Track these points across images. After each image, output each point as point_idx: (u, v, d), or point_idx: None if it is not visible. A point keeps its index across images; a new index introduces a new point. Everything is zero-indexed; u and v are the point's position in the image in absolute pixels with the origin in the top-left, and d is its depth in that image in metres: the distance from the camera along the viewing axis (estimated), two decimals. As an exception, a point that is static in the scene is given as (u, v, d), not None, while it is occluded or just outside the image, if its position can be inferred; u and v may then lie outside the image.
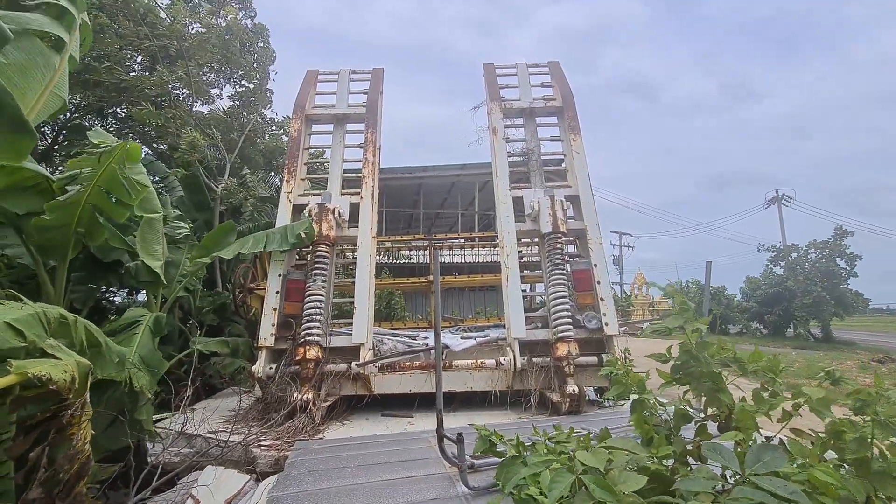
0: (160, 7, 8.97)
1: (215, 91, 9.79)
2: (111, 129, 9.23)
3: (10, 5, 2.76)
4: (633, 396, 2.07)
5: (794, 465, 1.48)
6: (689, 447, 1.79)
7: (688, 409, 1.86)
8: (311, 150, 7.23)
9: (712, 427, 1.86)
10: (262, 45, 9.85)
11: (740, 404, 1.77)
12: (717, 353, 1.87)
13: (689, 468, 1.71)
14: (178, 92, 8.56)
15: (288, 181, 6.07)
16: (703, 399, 1.89)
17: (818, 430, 1.73)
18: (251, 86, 9.75)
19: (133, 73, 8.39)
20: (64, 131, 9.51)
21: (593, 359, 4.96)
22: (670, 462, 1.72)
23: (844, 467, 1.58)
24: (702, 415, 1.93)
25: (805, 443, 1.65)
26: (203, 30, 8.64)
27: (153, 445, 4.06)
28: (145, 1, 8.26)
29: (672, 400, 2.05)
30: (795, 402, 1.71)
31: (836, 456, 1.63)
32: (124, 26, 7.91)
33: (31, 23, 2.73)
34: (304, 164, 6.47)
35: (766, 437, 1.71)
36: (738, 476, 1.37)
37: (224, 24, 8.90)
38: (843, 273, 22.62)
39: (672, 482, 1.58)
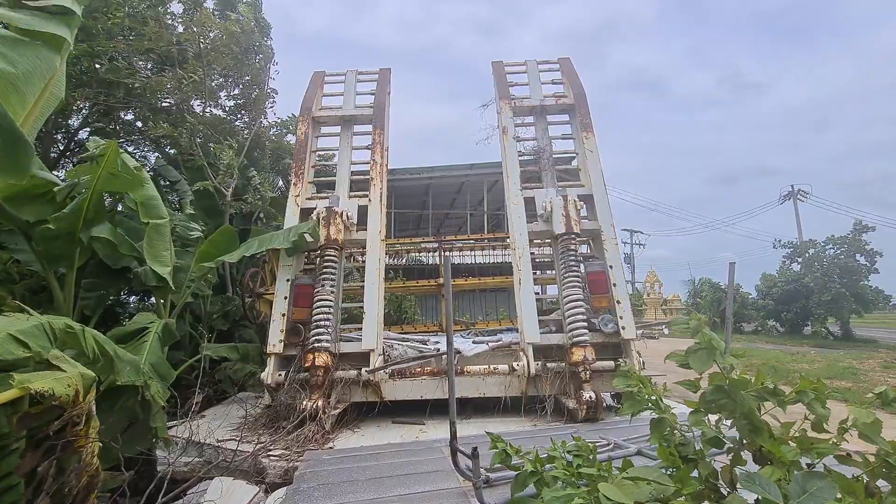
0: (173, 14, 8.99)
1: (224, 93, 9.79)
2: (120, 134, 9.25)
3: (15, 4, 2.70)
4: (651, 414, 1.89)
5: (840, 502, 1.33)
6: (719, 470, 1.64)
7: (719, 435, 1.69)
8: (319, 153, 7.14)
9: (746, 455, 1.69)
10: (268, 42, 9.81)
11: (776, 437, 1.59)
12: (755, 386, 1.67)
13: (719, 496, 1.56)
14: (187, 95, 8.51)
15: (295, 184, 6.00)
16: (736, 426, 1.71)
17: (855, 447, 1.58)
18: (256, 89, 9.71)
19: (143, 78, 8.38)
20: (76, 138, 9.56)
21: (610, 364, 4.81)
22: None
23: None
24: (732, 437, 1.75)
25: (855, 469, 1.50)
26: (220, 33, 8.60)
27: (168, 453, 3.99)
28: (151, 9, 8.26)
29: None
30: (841, 426, 1.56)
31: (887, 484, 1.48)
32: (131, 29, 7.92)
33: (34, 25, 2.67)
34: (312, 166, 6.39)
35: (808, 464, 1.55)
36: None
37: (233, 18, 8.84)
38: (862, 269, 22.06)
39: None
